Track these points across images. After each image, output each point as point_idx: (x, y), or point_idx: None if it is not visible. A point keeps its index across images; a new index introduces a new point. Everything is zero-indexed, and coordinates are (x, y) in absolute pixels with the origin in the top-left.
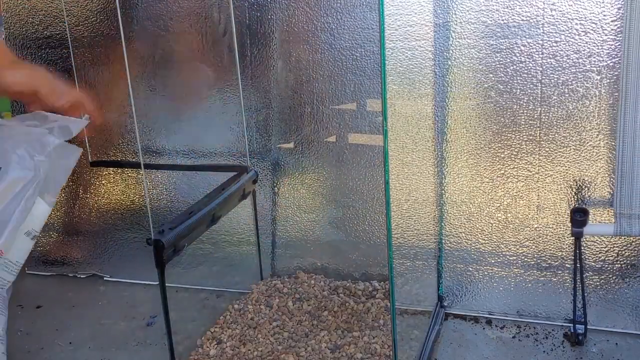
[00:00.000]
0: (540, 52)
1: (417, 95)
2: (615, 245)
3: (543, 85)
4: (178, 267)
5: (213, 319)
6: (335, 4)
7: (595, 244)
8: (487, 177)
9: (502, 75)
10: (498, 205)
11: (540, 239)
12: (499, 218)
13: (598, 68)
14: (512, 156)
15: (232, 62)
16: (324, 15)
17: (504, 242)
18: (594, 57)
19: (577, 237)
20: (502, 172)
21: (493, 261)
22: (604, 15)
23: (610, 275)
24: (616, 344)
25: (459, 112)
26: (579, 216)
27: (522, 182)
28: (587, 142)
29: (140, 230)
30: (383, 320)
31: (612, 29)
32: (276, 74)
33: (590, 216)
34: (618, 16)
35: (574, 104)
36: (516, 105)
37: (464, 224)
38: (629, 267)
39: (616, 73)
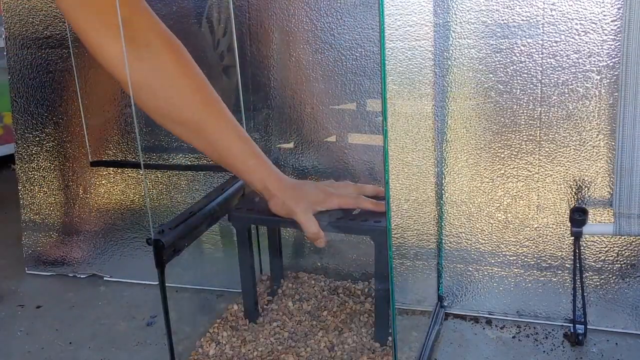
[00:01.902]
0: (540, 52)
1: (417, 95)
2: (615, 245)
3: (543, 85)
4: (178, 267)
5: (213, 319)
6: (335, 4)
7: (595, 244)
8: (487, 177)
9: (502, 75)
10: (498, 205)
11: (540, 239)
12: (499, 218)
13: (598, 68)
14: (512, 156)
15: (232, 61)
16: (324, 15)
17: (504, 242)
18: (594, 57)
19: (577, 236)
20: (502, 172)
21: (493, 261)
22: (604, 15)
23: (610, 275)
24: (616, 344)
25: (459, 112)
26: (578, 216)
27: (522, 182)
28: (587, 142)
29: (140, 230)
30: None
31: (612, 29)
32: (276, 74)
33: (589, 216)
34: (618, 16)
35: (574, 104)
36: (516, 105)
37: (464, 224)
38: (629, 267)
39: (616, 73)
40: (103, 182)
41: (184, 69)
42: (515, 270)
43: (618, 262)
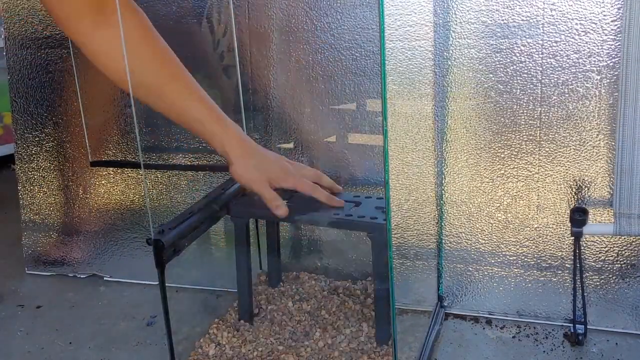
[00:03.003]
0: (540, 52)
1: (417, 95)
2: (615, 245)
3: (543, 85)
4: (178, 267)
5: (213, 319)
6: (335, 4)
7: (595, 244)
8: (487, 177)
9: (502, 75)
10: (498, 205)
11: (540, 239)
12: (499, 218)
13: (598, 68)
14: (512, 156)
15: (232, 61)
16: (324, 15)
17: (504, 242)
18: (594, 57)
19: (577, 236)
20: (502, 172)
21: (493, 261)
22: (604, 15)
23: (610, 275)
24: (616, 343)
25: (459, 112)
26: (578, 216)
27: (522, 182)
28: (587, 142)
29: (140, 230)
30: None
31: (612, 29)
32: (276, 74)
33: (590, 216)
34: (618, 16)
35: (574, 104)
36: (516, 105)
37: (464, 224)
38: (629, 267)
39: (616, 73)
40: (103, 182)
41: (145, 36)
42: (515, 270)
43: (618, 262)
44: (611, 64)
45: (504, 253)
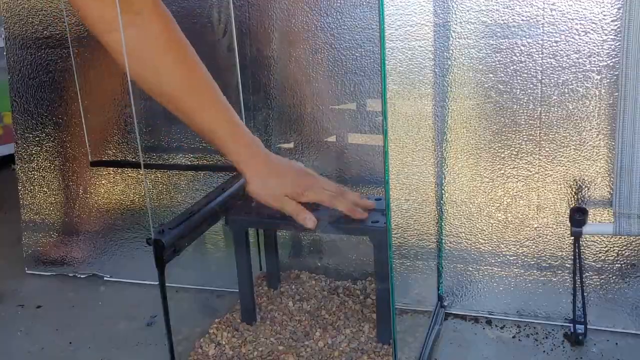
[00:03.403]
0: (540, 52)
1: (417, 95)
2: (615, 245)
3: (543, 85)
4: (178, 267)
5: (213, 319)
6: (335, 4)
7: (595, 243)
8: (487, 177)
9: (502, 75)
10: (498, 205)
11: (540, 238)
12: (499, 218)
13: (598, 68)
14: (512, 156)
15: (232, 61)
16: (324, 15)
17: (504, 242)
18: (594, 57)
19: (577, 236)
20: (502, 172)
21: (493, 261)
22: (604, 15)
23: (610, 275)
24: (616, 343)
25: (459, 112)
26: (578, 216)
27: (522, 182)
28: (587, 142)
29: (140, 230)
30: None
31: (612, 29)
32: (276, 74)
33: (589, 216)
34: (618, 16)
35: (574, 104)
36: (516, 105)
37: (464, 224)
38: (629, 267)
39: (616, 73)
40: (103, 182)
41: (171, 42)
42: (515, 270)
43: (618, 262)
44: (611, 64)
45: (504, 253)
